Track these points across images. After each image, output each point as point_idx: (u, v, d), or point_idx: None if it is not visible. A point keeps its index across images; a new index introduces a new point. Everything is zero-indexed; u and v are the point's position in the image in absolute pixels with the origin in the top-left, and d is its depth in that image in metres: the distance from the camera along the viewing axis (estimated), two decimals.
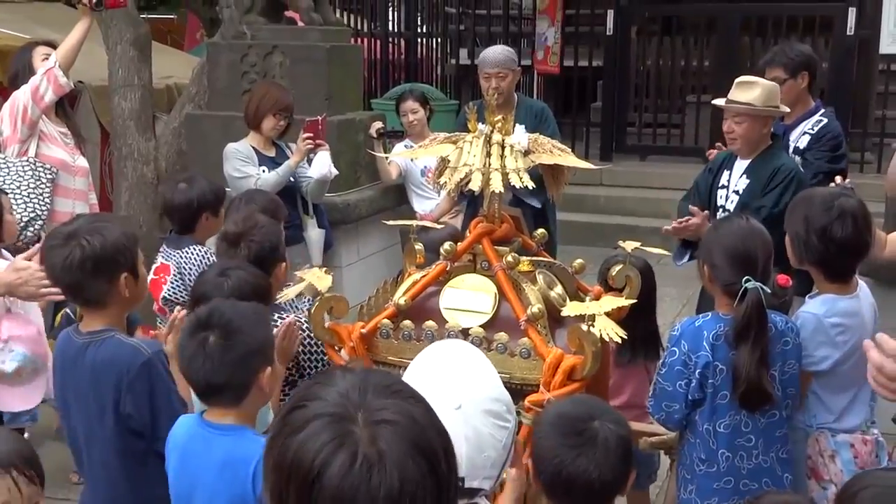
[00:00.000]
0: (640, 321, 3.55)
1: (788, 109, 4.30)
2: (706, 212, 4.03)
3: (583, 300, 2.84)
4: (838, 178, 3.75)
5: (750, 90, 4.00)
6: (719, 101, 4.18)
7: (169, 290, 3.81)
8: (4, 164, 4.49)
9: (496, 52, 5.34)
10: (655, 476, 3.79)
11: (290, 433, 1.14)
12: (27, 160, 4.52)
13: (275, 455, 1.15)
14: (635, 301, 2.94)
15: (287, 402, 1.21)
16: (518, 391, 2.70)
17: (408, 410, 1.18)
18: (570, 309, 2.67)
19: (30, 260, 3.06)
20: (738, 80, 4.11)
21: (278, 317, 3.02)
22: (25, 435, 4.44)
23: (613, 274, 3.12)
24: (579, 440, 2.04)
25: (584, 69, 10.43)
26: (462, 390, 1.62)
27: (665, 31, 10.54)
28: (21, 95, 4.53)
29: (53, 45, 4.80)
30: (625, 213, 8.99)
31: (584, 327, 2.58)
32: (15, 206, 4.33)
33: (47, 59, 4.65)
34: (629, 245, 3.09)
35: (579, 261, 3.09)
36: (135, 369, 2.53)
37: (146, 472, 2.54)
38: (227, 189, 4.94)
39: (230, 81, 5.87)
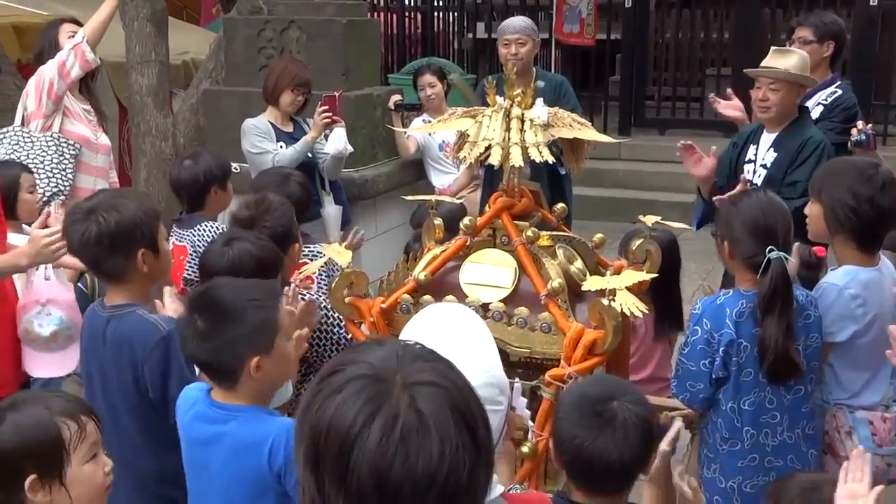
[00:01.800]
0: (663, 295, 3.55)
1: (818, 80, 4.26)
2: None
3: (603, 275, 2.83)
4: (860, 124, 3.72)
5: (786, 57, 3.96)
6: (753, 70, 4.12)
7: (189, 271, 3.82)
8: (28, 138, 4.50)
9: (516, 20, 5.37)
10: (675, 450, 3.79)
11: (327, 395, 1.13)
12: (51, 135, 4.53)
13: (311, 418, 1.13)
14: (656, 275, 2.92)
15: (320, 372, 1.19)
16: (539, 365, 2.71)
17: (446, 374, 1.17)
18: (591, 283, 2.67)
19: (44, 227, 3.08)
20: (773, 48, 4.09)
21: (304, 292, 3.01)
22: None
23: (634, 248, 3.10)
24: (598, 421, 2.03)
25: (603, 42, 10.34)
26: (470, 368, 1.61)
27: (684, 3, 10.43)
28: (47, 70, 4.54)
29: (78, 23, 4.80)
30: (644, 187, 8.93)
31: (605, 301, 2.57)
32: (38, 181, 4.35)
33: (73, 36, 4.65)
34: (649, 219, 3.08)
35: (599, 235, 3.08)
36: (151, 345, 2.55)
37: (165, 445, 2.56)
38: (243, 164, 4.95)
39: (247, 57, 5.86)
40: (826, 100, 4.44)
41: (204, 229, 3.82)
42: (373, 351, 1.19)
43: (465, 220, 2.88)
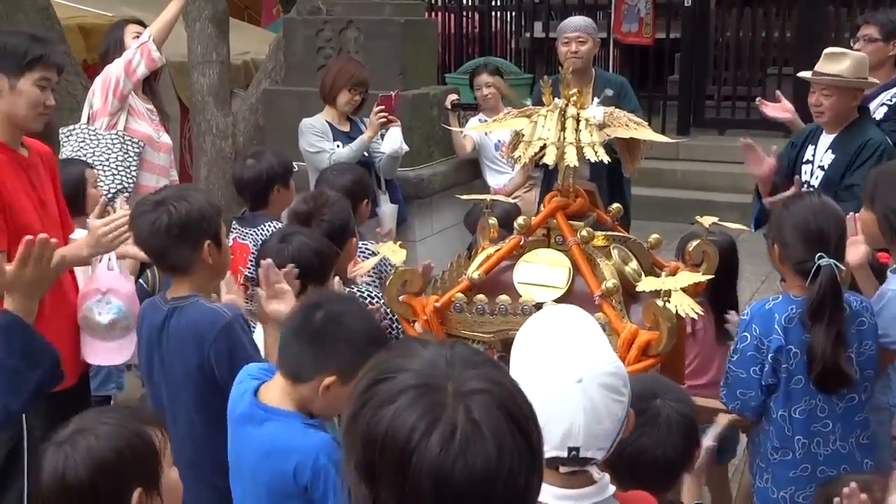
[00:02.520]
0: (724, 298, 3.51)
1: (878, 82, 4.17)
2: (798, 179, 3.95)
3: (658, 276, 2.81)
4: None
5: (839, 61, 3.88)
6: (805, 74, 4.06)
7: (251, 269, 3.87)
8: (94, 136, 4.60)
9: (576, 18, 5.38)
10: (735, 452, 3.74)
11: (379, 405, 1.13)
12: (116, 133, 4.62)
13: (363, 427, 1.13)
14: (712, 277, 2.89)
15: (366, 374, 1.19)
16: None
17: (496, 379, 1.17)
18: (645, 284, 2.65)
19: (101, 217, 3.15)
20: (826, 51, 3.99)
21: (357, 290, 3.05)
22: (111, 403, 4.59)
23: (690, 249, 3.07)
24: (641, 419, 2.01)
25: (661, 41, 10.24)
26: (582, 364, 1.63)
27: (746, 1, 10.29)
28: (114, 68, 4.63)
29: (143, 24, 4.90)
30: (702, 188, 8.84)
31: (660, 303, 2.55)
32: (103, 178, 4.44)
33: (138, 36, 4.74)
34: (706, 220, 3.04)
35: (655, 236, 3.05)
36: (215, 331, 2.60)
37: (225, 438, 2.60)
38: (301, 163, 5.01)
39: (306, 56, 5.92)
40: (891, 100, 4.34)
41: (267, 228, 3.86)
42: (419, 356, 1.18)
43: (520, 220, 2.88)
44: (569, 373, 1.61)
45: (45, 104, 3.07)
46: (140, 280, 4.10)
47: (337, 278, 2.94)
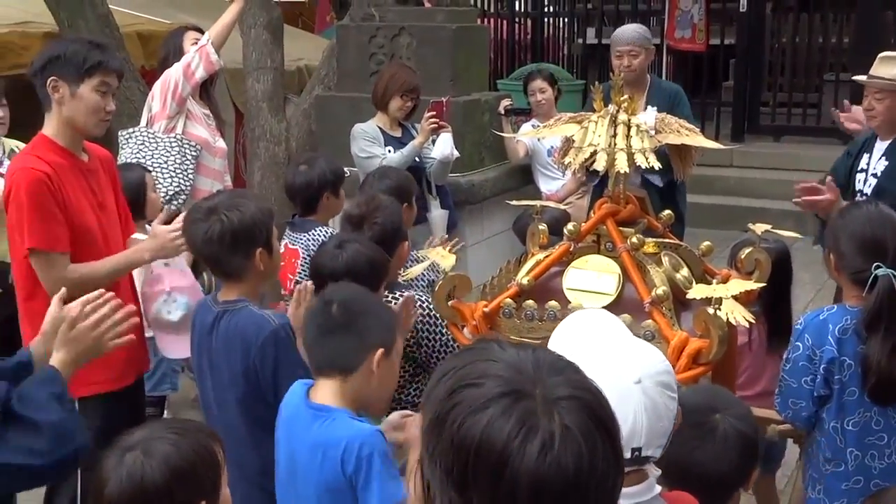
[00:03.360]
0: (777, 307, 3.46)
1: None
2: (837, 189, 3.87)
3: (710, 283, 2.78)
4: None
5: (892, 65, 3.82)
6: (860, 77, 4.00)
7: (302, 274, 3.91)
8: (153, 139, 4.68)
9: (629, 30, 5.27)
10: (780, 462, 3.70)
11: (468, 412, 1.13)
12: (174, 136, 4.70)
13: (452, 433, 1.14)
14: (764, 285, 2.86)
15: (445, 377, 1.20)
16: None
17: (582, 384, 1.18)
18: (696, 291, 2.63)
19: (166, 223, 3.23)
20: (881, 55, 3.93)
21: (400, 294, 3.07)
22: (165, 404, 4.67)
23: (742, 257, 3.04)
24: (698, 433, 2.00)
25: (716, 47, 10.14)
26: (639, 363, 1.65)
27: (802, 6, 10.14)
28: (173, 72, 4.71)
29: (201, 31, 4.98)
30: (756, 195, 8.72)
31: (711, 310, 2.53)
32: (161, 181, 4.52)
33: (196, 42, 4.82)
34: (759, 228, 3.01)
35: (706, 243, 3.03)
36: (262, 338, 2.63)
37: (270, 440, 2.63)
38: (353, 169, 5.05)
39: (358, 63, 5.97)
40: None
41: (318, 234, 3.90)
42: (501, 360, 1.19)
43: (569, 226, 2.88)
44: (626, 374, 1.63)
45: (106, 110, 3.13)
46: (196, 282, 4.17)
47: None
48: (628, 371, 1.62)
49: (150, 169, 4.40)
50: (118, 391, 3.17)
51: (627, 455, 1.60)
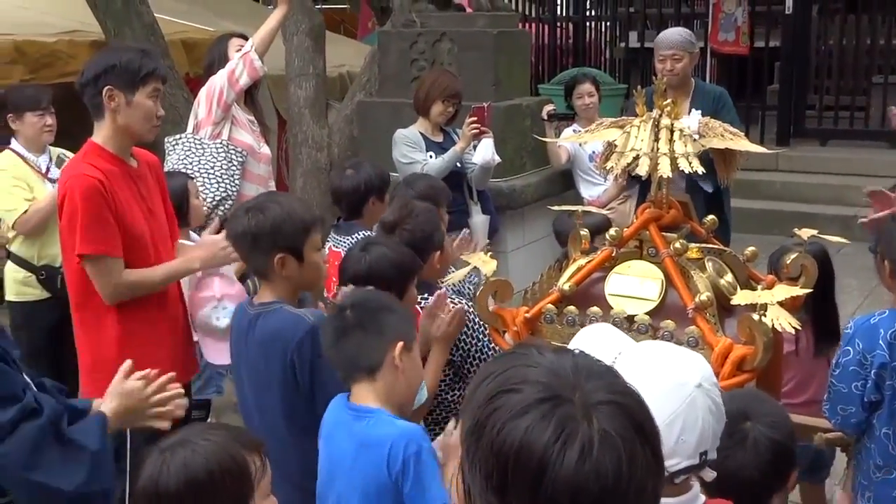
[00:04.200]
0: (823, 312, 3.41)
1: None
2: None
3: (754, 289, 2.75)
4: None
5: None
6: None
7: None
8: (199, 145, 4.73)
9: (672, 34, 5.25)
10: (829, 471, 3.63)
11: (508, 418, 1.14)
12: (220, 142, 4.75)
13: (492, 439, 1.14)
14: (811, 290, 2.81)
15: (484, 382, 1.20)
16: None
17: (621, 389, 1.18)
18: (741, 297, 2.59)
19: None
20: None
21: (428, 295, 3.06)
22: (210, 408, 4.72)
23: (788, 262, 2.99)
24: (728, 441, 1.98)
25: (761, 50, 10.03)
26: (694, 367, 1.65)
27: (850, 8, 10.00)
28: (218, 79, 4.75)
29: (246, 38, 5.03)
30: (802, 199, 8.61)
31: (755, 317, 2.50)
32: (207, 186, 4.57)
33: (241, 49, 4.87)
34: (805, 233, 2.97)
35: (751, 248, 2.99)
36: (298, 337, 2.64)
37: (311, 441, 2.65)
38: (395, 174, 5.06)
39: (400, 69, 5.99)
40: None
41: (361, 237, 3.91)
42: (540, 365, 1.19)
43: (611, 231, 2.86)
44: (688, 380, 1.62)
45: (157, 115, 3.20)
46: (248, 280, 4.20)
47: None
48: (689, 376, 1.62)
49: (193, 175, 4.45)
50: None
51: (696, 460, 1.60)
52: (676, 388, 1.59)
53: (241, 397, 2.92)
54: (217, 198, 4.63)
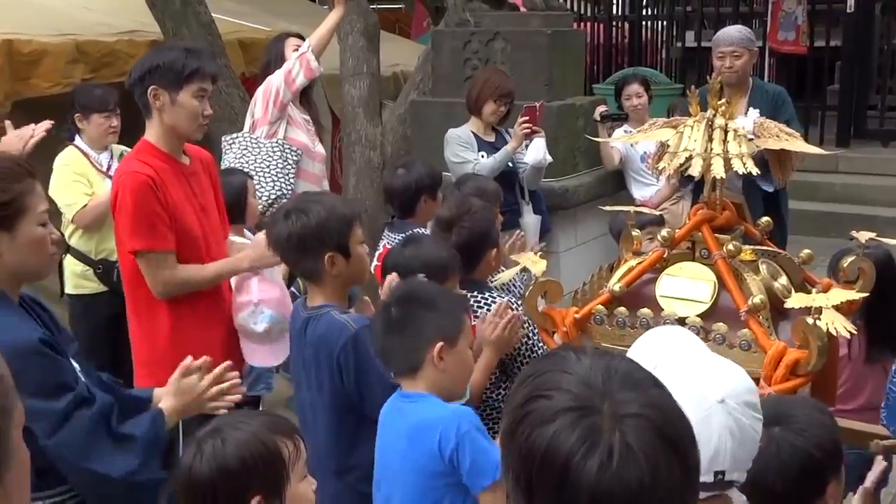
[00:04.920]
0: (879, 317, 3.34)
1: None
2: None
3: (809, 292, 2.70)
4: None
5: None
6: None
7: None
8: (255, 144, 4.79)
9: (732, 31, 5.22)
10: (887, 481, 3.55)
11: (536, 423, 1.15)
12: (276, 142, 4.80)
13: (521, 443, 1.16)
14: (868, 294, 2.76)
15: (523, 384, 1.21)
16: None
17: (654, 401, 1.17)
18: (795, 300, 2.56)
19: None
20: None
21: (478, 293, 3.06)
22: (260, 404, 4.77)
23: (845, 265, 2.94)
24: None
25: (821, 49, 9.85)
26: (723, 382, 1.61)
27: None
28: (274, 79, 4.81)
29: (302, 38, 5.08)
30: (863, 202, 8.43)
31: (810, 320, 2.46)
32: (263, 185, 4.63)
33: (297, 49, 4.92)
34: (863, 235, 2.91)
35: (806, 251, 2.94)
36: (341, 343, 2.66)
37: (361, 440, 2.66)
38: (447, 174, 5.07)
39: (453, 68, 5.99)
40: None
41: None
42: (575, 372, 1.19)
43: (663, 232, 2.83)
44: (709, 393, 1.57)
45: (204, 114, 3.22)
46: (292, 288, 4.24)
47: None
48: (712, 390, 1.57)
49: (252, 175, 4.50)
50: None
51: (709, 478, 1.56)
52: (695, 399, 1.54)
53: (298, 395, 2.95)
54: (272, 197, 4.68)
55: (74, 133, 4.67)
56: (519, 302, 3.10)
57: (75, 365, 2.30)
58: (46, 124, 3.86)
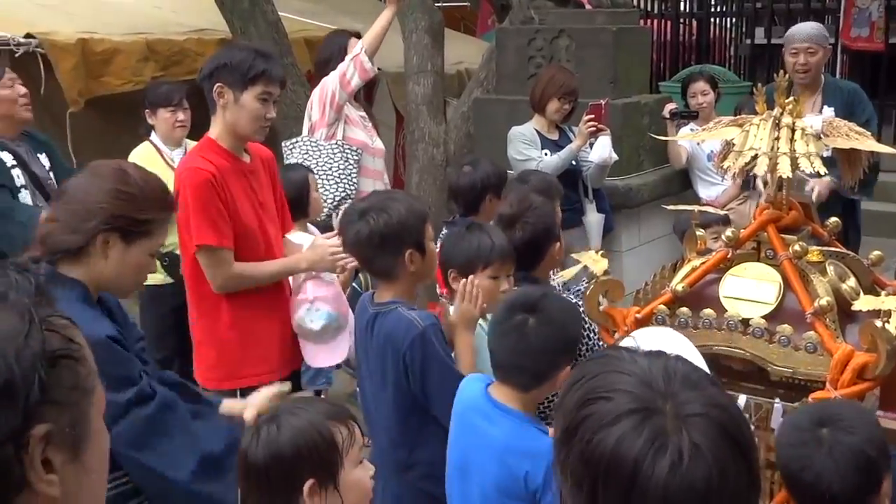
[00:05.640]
0: None
1: None
2: None
3: (878, 295, 2.64)
4: None
5: None
6: None
7: None
8: (315, 147, 4.85)
9: (806, 27, 5.14)
10: None
11: (598, 427, 1.14)
12: (335, 143, 4.85)
13: (582, 447, 1.15)
14: None
15: (575, 387, 1.20)
16: (803, 387, 2.57)
17: (716, 400, 1.16)
18: (863, 303, 2.50)
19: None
20: None
21: None
22: (322, 396, 4.82)
23: None
24: (804, 450, 1.92)
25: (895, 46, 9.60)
26: None
27: None
28: (330, 81, 4.86)
29: (360, 37, 5.12)
30: None
31: (879, 323, 2.40)
32: (327, 187, 4.68)
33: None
34: None
35: (876, 252, 2.87)
36: (408, 341, 2.67)
37: (424, 438, 2.67)
38: (509, 171, 5.06)
39: (517, 66, 5.98)
40: None
41: None
42: (633, 373, 1.17)
43: (728, 232, 2.79)
44: None
45: (266, 117, 3.25)
46: (354, 284, 4.27)
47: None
48: None
49: (314, 171, 4.54)
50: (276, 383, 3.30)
51: None
52: None
53: (362, 390, 2.98)
54: (337, 198, 4.73)
55: (150, 130, 4.81)
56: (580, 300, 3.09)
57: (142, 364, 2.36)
58: None
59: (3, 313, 0.94)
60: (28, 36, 5.29)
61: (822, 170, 2.58)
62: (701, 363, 1.73)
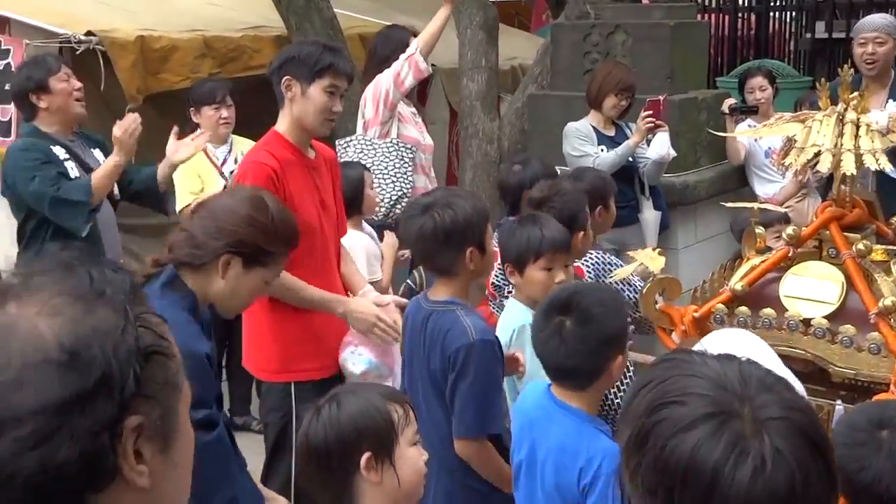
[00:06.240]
0: None
1: None
2: None
3: None
4: None
5: None
6: None
7: (498, 277, 3.92)
8: (370, 145, 4.86)
9: (876, 17, 5.12)
10: None
11: (672, 432, 1.10)
12: (390, 141, 4.86)
13: (657, 454, 1.11)
14: None
15: (643, 392, 1.16)
16: (866, 388, 2.52)
17: (794, 403, 1.14)
18: None
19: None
20: None
21: None
22: None
23: None
24: (862, 451, 1.87)
25: None
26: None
27: None
28: (383, 81, 4.87)
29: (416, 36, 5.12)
30: None
31: None
32: (383, 186, 4.70)
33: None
34: None
35: None
36: (457, 345, 2.65)
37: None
38: (565, 168, 5.03)
39: (572, 61, 5.93)
40: None
41: None
42: (705, 376, 1.14)
43: (789, 230, 2.74)
44: None
45: (332, 110, 3.27)
46: (408, 280, 4.28)
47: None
48: None
49: (377, 174, 4.56)
50: (326, 379, 3.31)
51: None
52: None
53: (410, 388, 2.97)
54: (394, 197, 4.73)
55: (196, 128, 4.84)
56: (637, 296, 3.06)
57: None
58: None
59: (102, 309, 0.97)
60: (89, 34, 5.37)
61: (888, 167, 2.53)
62: (781, 368, 1.68)
